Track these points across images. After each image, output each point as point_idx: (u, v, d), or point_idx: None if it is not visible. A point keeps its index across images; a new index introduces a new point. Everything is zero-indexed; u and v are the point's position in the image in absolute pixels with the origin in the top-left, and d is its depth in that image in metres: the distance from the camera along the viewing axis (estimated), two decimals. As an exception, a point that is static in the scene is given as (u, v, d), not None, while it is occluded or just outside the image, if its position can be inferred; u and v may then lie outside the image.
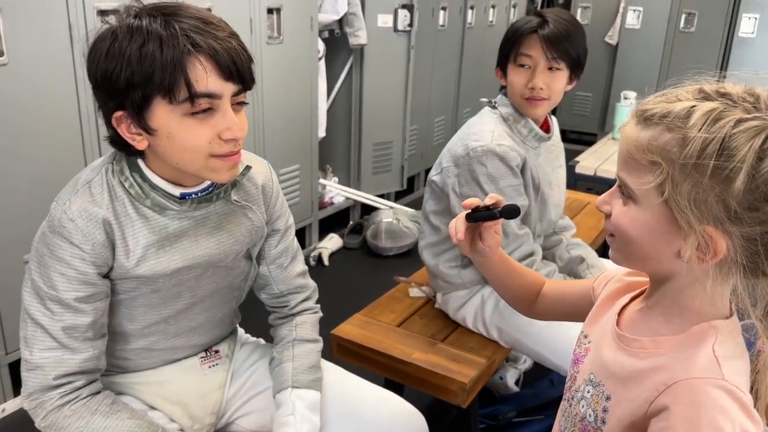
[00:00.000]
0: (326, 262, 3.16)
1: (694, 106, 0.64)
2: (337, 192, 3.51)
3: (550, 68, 1.48)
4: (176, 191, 0.98)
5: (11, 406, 1.97)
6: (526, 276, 1.01)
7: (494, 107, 1.58)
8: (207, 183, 1.01)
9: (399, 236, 3.27)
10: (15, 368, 1.96)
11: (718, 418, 0.62)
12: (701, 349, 0.67)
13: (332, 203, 3.50)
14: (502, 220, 0.89)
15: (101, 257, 0.95)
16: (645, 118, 0.68)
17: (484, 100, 1.62)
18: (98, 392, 1.00)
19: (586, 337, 0.85)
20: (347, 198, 3.55)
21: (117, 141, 0.95)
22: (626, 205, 0.70)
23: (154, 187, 0.97)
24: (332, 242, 3.30)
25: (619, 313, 0.80)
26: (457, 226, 0.90)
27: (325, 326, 1.60)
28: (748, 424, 0.62)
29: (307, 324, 1.21)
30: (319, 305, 1.26)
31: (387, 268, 3.10)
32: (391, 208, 3.51)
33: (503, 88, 1.58)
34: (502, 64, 1.55)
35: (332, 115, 3.44)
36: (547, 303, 1.00)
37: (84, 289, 0.94)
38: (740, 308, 0.70)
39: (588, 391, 0.78)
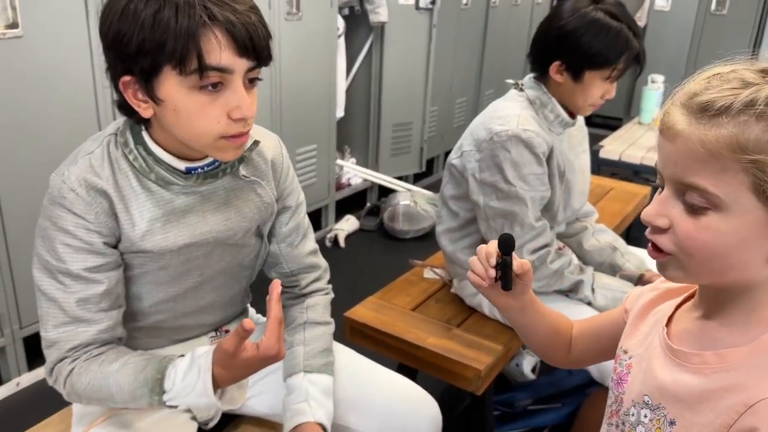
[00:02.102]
0: (342, 243, 3.13)
1: None
2: (354, 173, 3.48)
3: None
4: (181, 165, 0.95)
5: (26, 379, 1.98)
6: (556, 318, 0.91)
7: (521, 90, 1.51)
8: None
9: (416, 219, 3.23)
10: (29, 343, 1.98)
11: None
12: None
13: (349, 184, 3.47)
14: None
15: (106, 226, 0.92)
16: (720, 110, 0.58)
17: (510, 81, 1.56)
18: (106, 351, 0.98)
19: (625, 352, 0.77)
20: (365, 179, 3.52)
21: (124, 106, 0.92)
22: (699, 216, 0.60)
23: (159, 160, 0.94)
24: (348, 224, 3.27)
25: (667, 325, 0.72)
26: (487, 275, 0.81)
27: (340, 308, 1.58)
28: None
29: (318, 306, 1.19)
30: (330, 286, 1.23)
31: (403, 251, 3.07)
32: (409, 190, 3.47)
33: (542, 72, 1.48)
34: (579, 68, 1.40)
35: (351, 94, 3.39)
36: (584, 344, 0.90)
37: (92, 259, 0.92)
38: None
39: (645, 416, 0.70)
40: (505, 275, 0.80)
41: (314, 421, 1.04)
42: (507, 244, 0.80)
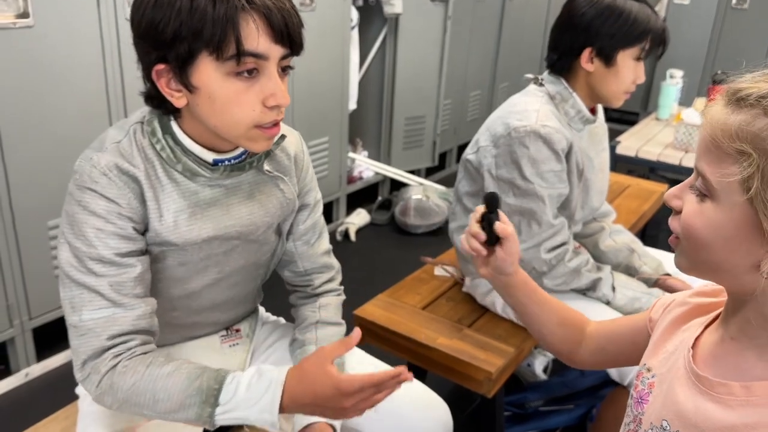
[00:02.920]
0: (353, 237, 3.11)
1: None
2: (366, 166, 3.45)
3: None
4: (209, 157, 0.94)
5: (35, 370, 1.98)
6: (565, 312, 0.89)
7: (541, 84, 1.48)
8: (240, 150, 0.97)
9: (428, 214, 3.20)
10: (38, 333, 1.97)
11: None
12: None
13: (361, 178, 3.44)
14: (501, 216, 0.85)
15: (137, 212, 0.91)
16: (738, 99, 0.56)
17: (529, 76, 1.52)
18: (152, 350, 0.94)
19: (649, 370, 0.73)
20: (376, 173, 3.49)
21: (153, 97, 0.90)
22: (702, 202, 0.59)
23: (187, 151, 0.93)
24: (360, 218, 3.25)
25: (693, 346, 0.68)
26: (470, 241, 0.85)
27: (350, 303, 1.55)
28: None
29: (331, 306, 1.17)
30: (342, 287, 1.21)
31: (415, 246, 3.04)
32: (421, 184, 3.44)
33: (564, 69, 1.45)
34: (611, 51, 1.37)
35: (364, 86, 3.36)
36: (597, 345, 0.87)
37: (124, 244, 0.90)
38: None
39: None
40: (488, 231, 0.86)
41: (324, 421, 1.02)
42: (492, 201, 0.86)
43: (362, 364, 1.19)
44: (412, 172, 3.64)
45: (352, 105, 3.16)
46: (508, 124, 1.41)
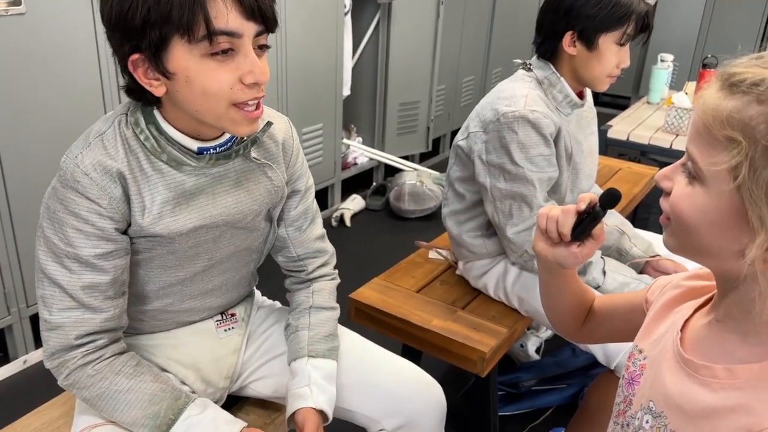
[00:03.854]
0: (348, 223, 3.13)
1: None
2: (360, 152, 3.46)
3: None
4: (194, 145, 0.94)
5: (33, 357, 2.01)
6: (579, 290, 0.87)
7: (529, 69, 1.49)
8: (226, 138, 0.97)
9: (422, 199, 3.22)
10: (36, 321, 1.98)
11: None
12: None
13: (355, 164, 3.45)
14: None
15: (119, 212, 0.91)
16: (731, 84, 0.55)
17: (518, 61, 1.53)
18: (122, 353, 0.98)
19: (640, 352, 0.73)
20: (371, 159, 3.50)
21: (134, 89, 0.90)
22: (691, 185, 0.59)
23: (171, 140, 0.93)
24: (354, 203, 3.27)
25: (682, 328, 0.68)
26: (566, 224, 0.75)
27: (345, 288, 1.58)
28: None
29: (324, 291, 1.18)
30: (336, 271, 1.23)
31: (409, 231, 3.06)
32: (415, 170, 3.45)
33: (550, 54, 1.46)
34: (593, 34, 1.38)
35: (357, 73, 3.36)
36: (597, 322, 0.88)
37: (103, 245, 0.91)
38: None
39: (647, 422, 0.67)
40: (587, 226, 0.75)
41: (314, 407, 1.04)
42: (610, 199, 0.72)
43: (357, 346, 1.21)
44: (406, 157, 3.65)
45: (346, 91, 3.17)
46: (497, 109, 1.43)
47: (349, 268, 1.25)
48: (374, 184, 3.52)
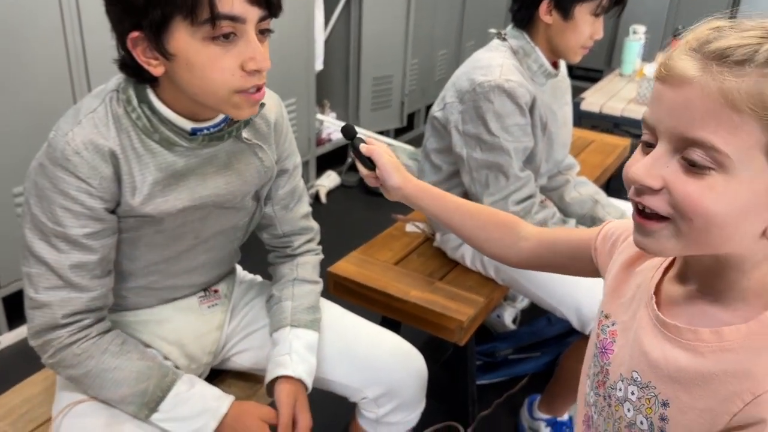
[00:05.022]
0: (324, 199, 3.12)
1: None
2: (335, 128, 3.44)
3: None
4: (188, 126, 0.91)
5: (7, 339, 1.97)
6: (484, 216, 0.89)
7: (504, 39, 1.49)
8: (220, 118, 0.95)
9: (398, 174, 3.22)
10: (9, 302, 1.95)
11: None
12: None
13: (330, 140, 3.43)
14: (382, 147, 0.91)
15: (109, 192, 0.89)
16: (743, 59, 0.51)
17: (493, 31, 1.53)
18: (108, 331, 0.97)
19: (607, 317, 0.71)
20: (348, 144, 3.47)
21: (128, 65, 0.87)
22: (700, 176, 0.53)
23: (164, 120, 0.90)
24: (330, 180, 3.26)
25: (656, 293, 0.66)
26: (362, 171, 0.91)
27: (323, 264, 1.57)
28: None
29: (308, 265, 1.19)
30: (320, 247, 1.23)
31: (385, 206, 3.05)
32: (390, 145, 3.44)
33: (526, 22, 1.46)
34: (569, 3, 1.38)
35: (330, 47, 3.32)
36: (529, 249, 0.86)
37: (92, 224, 0.89)
38: None
39: (632, 393, 0.65)
40: (359, 157, 0.92)
41: (293, 375, 1.05)
42: (347, 132, 0.94)
43: (338, 318, 1.21)
44: (381, 132, 3.64)
45: (319, 66, 3.13)
46: (473, 79, 1.43)
47: (326, 244, 1.25)
48: (349, 160, 3.51)
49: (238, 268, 1.28)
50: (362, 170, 0.93)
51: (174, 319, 1.10)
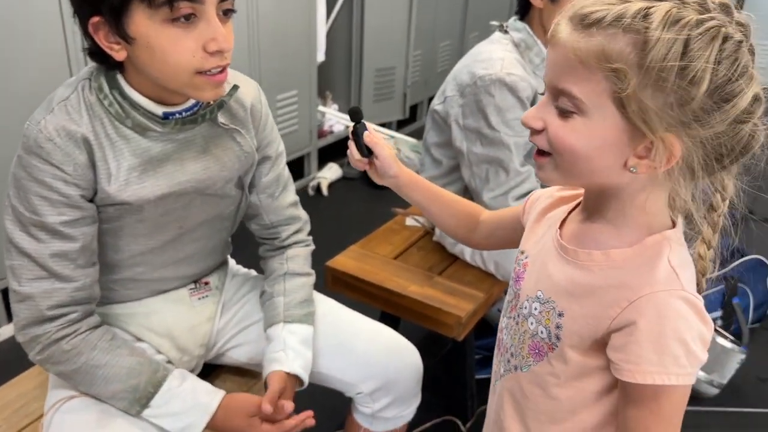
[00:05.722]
0: (325, 191, 3.11)
1: (650, 7, 0.60)
2: (336, 120, 3.42)
3: None
4: (159, 110, 0.91)
5: (6, 331, 1.97)
6: (457, 205, 0.98)
7: (506, 32, 1.47)
8: (192, 102, 0.94)
9: (400, 166, 3.20)
10: (7, 295, 1.95)
11: (680, 328, 0.64)
12: (659, 262, 0.67)
13: (332, 132, 3.41)
14: (378, 138, 0.92)
15: (84, 179, 0.89)
16: (592, 22, 0.62)
17: (495, 23, 1.52)
18: (97, 326, 0.96)
19: (522, 253, 0.83)
20: (347, 127, 3.46)
21: (96, 53, 0.87)
22: (567, 118, 0.65)
23: (135, 105, 0.90)
24: (331, 172, 3.24)
25: (560, 227, 0.78)
26: (353, 155, 0.93)
27: (323, 257, 1.57)
28: (702, 328, 0.65)
29: (299, 257, 1.17)
30: (311, 238, 1.22)
31: (387, 199, 3.04)
32: (392, 137, 3.43)
33: (524, 11, 1.45)
34: None
35: (332, 38, 3.30)
36: (487, 230, 0.97)
37: (69, 212, 0.89)
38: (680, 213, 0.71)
39: (535, 308, 0.76)
40: (357, 142, 0.92)
41: (289, 371, 1.04)
42: (354, 114, 0.92)
43: (333, 312, 1.20)
44: (383, 124, 3.62)
45: (321, 57, 3.11)
46: (474, 73, 1.41)
47: (327, 237, 1.24)
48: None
49: (231, 261, 1.27)
50: (354, 153, 0.93)
51: (163, 311, 1.09)
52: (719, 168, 0.65)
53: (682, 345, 0.64)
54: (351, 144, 0.93)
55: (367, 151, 0.92)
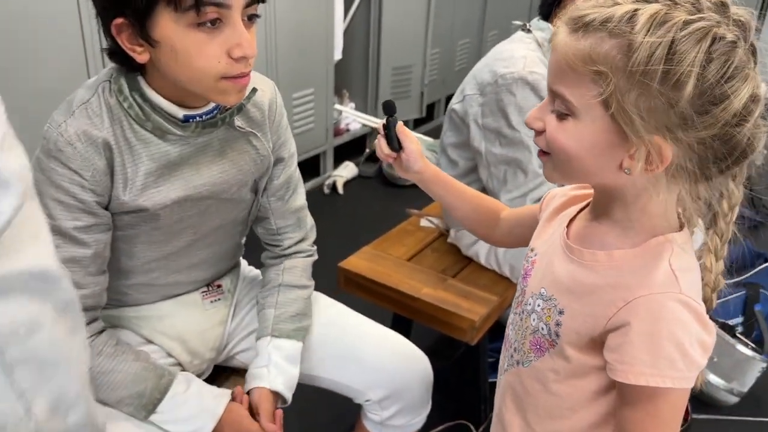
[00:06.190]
0: (341, 190, 3.10)
1: (637, 10, 0.60)
2: (353, 118, 3.41)
3: None
4: (180, 113, 0.90)
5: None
6: (479, 201, 0.99)
7: (528, 31, 1.44)
8: (212, 105, 0.93)
9: (416, 165, 3.18)
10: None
11: (676, 332, 0.64)
12: (659, 264, 0.66)
13: (348, 130, 3.40)
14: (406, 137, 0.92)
15: (101, 185, 0.88)
16: (583, 26, 0.63)
17: (517, 23, 1.49)
18: (101, 331, 0.96)
19: (532, 250, 0.84)
20: (364, 125, 3.45)
21: (117, 53, 0.86)
22: (563, 120, 0.66)
23: (155, 108, 0.89)
24: (347, 170, 3.23)
25: (568, 226, 0.78)
26: (383, 148, 0.93)
27: (336, 256, 1.56)
28: (703, 333, 0.65)
29: (297, 269, 1.15)
30: (315, 248, 1.20)
31: (402, 198, 3.04)
32: (409, 136, 3.41)
33: (548, 11, 1.42)
34: None
35: (349, 36, 3.29)
36: (506, 229, 0.97)
37: (84, 218, 0.88)
38: (687, 217, 0.70)
39: (538, 305, 0.77)
40: (389, 135, 0.92)
41: (269, 388, 1.03)
42: (388, 107, 0.93)
43: (342, 317, 1.19)
44: (399, 123, 3.60)
45: (338, 55, 3.10)
46: (495, 71, 1.39)
47: (341, 236, 1.23)
48: (367, 150, 3.48)
49: (243, 262, 1.26)
50: (384, 147, 0.94)
51: (175, 314, 1.08)
52: (718, 172, 0.64)
53: (678, 348, 0.63)
54: (380, 137, 0.93)
55: (397, 145, 0.93)
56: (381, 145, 0.94)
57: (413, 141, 0.93)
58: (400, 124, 0.93)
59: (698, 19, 0.58)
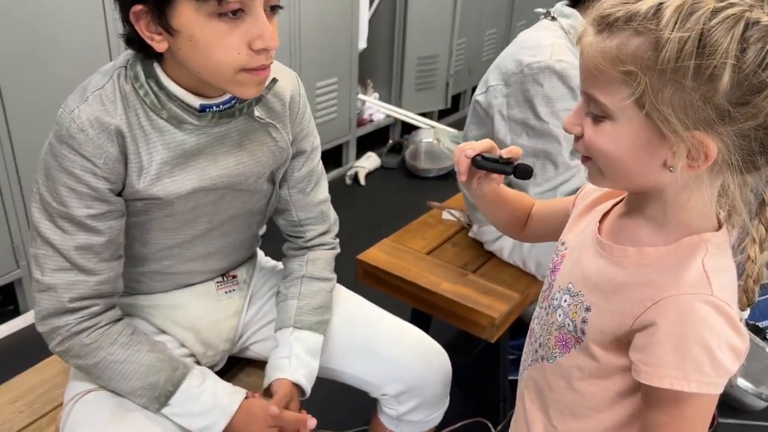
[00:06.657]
0: (362, 181, 3.08)
1: (662, 3, 0.57)
2: (376, 109, 3.38)
3: None
4: (196, 102, 0.88)
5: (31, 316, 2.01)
6: (516, 202, 0.95)
7: (553, 19, 1.39)
8: (229, 95, 0.91)
9: (439, 158, 3.15)
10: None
11: (704, 334, 0.61)
12: (691, 264, 0.64)
13: (371, 120, 3.37)
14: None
15: (114, 172, 0.87)
16: (607, 25, 0.60)
17: (540, 10, 1.43)
18: (118, 320, 0.94)
19: (563, 244, 0.81)
20: (387, 115, 3.41)
21: (134, 40, 0.84)
22: (599, 123, 0.64)
23: (172, 96, 0.87)
24: (370, 161, 3.21)
25: (601, 221, 0.76)
26: (461, 166, 0.80)
27: (356, 248, 1.54)
28: (734, 338, 0.62)
29: (320, 261, 1.13)
30: (337, 241, 1.18)
31: (425, 190, 3.00)
32: (433, 127, 3.36)
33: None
34: None
35: (374, 24, 3.24)
36: (536, 223, 0.95)
37: (97, 205, 0.87)
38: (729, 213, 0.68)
39: (565, 300, 0.75)
40: (491, 168, 0.80)
41: (291, 380, 1.01)
42: (524, 173, 0.79)
43: (361, 310, 1.17)
44: (424, 114, 3.56)
45: (362, 44, 3.06)
46: (520, 60, 1.34)
47: (362, 227, 1.20)
48: (390, 141, 3.45)
49: (260, 253, 1.24)
50: (464, 164, 0.80)
51: (189, 304, 1.07)
52: (766, 162, 0.61)
53: (706, 352, 0.61)
54: (463, 162, 0.80)
55: (482, 170, 0.81)
56: (463, 165, 0.81)
57: (497, 184, 0.84)
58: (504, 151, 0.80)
59: (728, 6, 0.55)
